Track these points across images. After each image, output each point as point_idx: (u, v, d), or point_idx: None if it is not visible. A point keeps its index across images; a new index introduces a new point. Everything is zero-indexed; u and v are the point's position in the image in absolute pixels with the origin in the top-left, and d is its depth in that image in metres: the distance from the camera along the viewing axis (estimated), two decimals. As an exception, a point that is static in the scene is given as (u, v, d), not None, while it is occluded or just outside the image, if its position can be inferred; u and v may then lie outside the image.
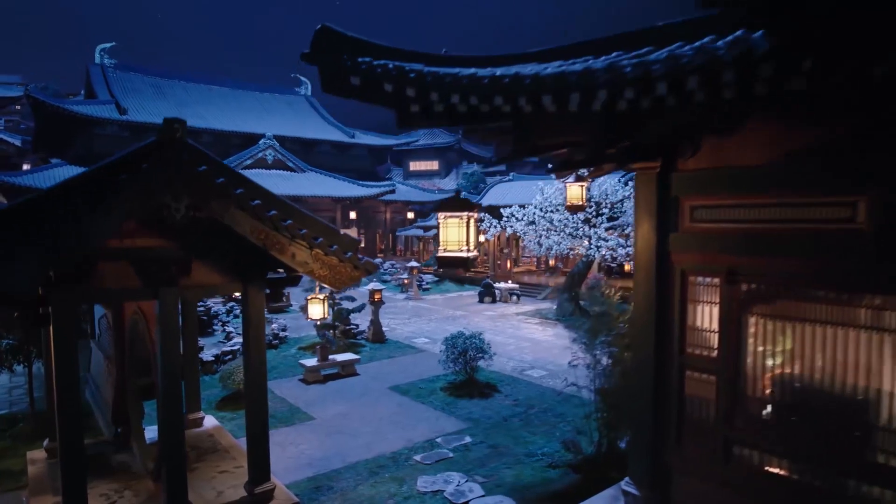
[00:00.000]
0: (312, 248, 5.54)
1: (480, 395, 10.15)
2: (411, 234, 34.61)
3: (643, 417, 4.94)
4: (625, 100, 3.46)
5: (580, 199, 9.52)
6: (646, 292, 4.89)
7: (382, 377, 11.50)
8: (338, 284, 5.81)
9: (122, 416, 7.48)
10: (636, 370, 5.05)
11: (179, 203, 4.82)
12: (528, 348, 14.20)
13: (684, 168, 4.67)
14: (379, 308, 14.97)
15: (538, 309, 20.60)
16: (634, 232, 5.01)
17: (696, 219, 4.64)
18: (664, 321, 4.80)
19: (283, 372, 11.84)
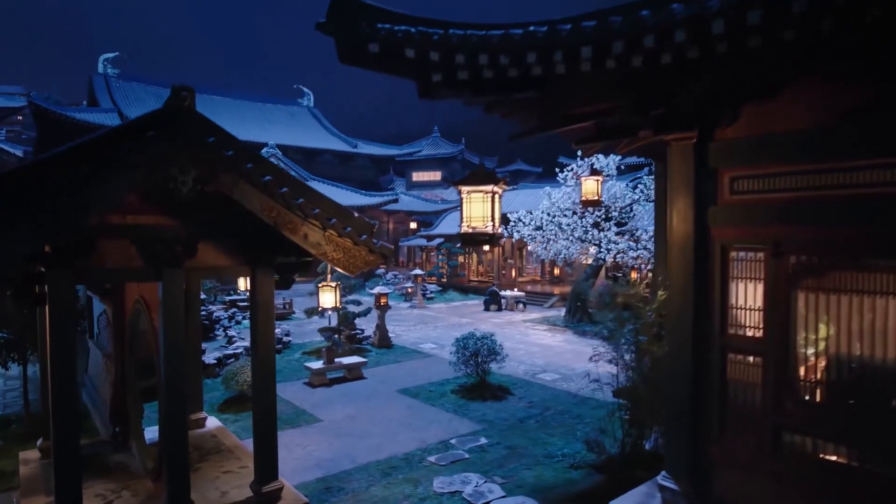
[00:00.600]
0: (326, 229, 5.24)
1: (493, 397, 9.79)
2: (414, 244, 34.34)
3: (681, 406, 4.60)
4: (673, 46, 3.20)
5: (595, 194, 9.25)
6: (683, 271, 4.58)
7: (390, 380, 11.13)
8: (352, 268, 5.50)
9: (121, 415, 7.13)
10: (672, 356, 4.72)
11: (186, 175, 4.53)
12: (538, 353, 13.83)
13: (722, 137, 4.39)
14: (385, 313, 14.63)
15: (545, 316, 20.25)
16: (669, 208, 4.72)
17: (737, 190, 4.35)
18: (703, 301, 4.48)
19: (288, 376, 11.48)
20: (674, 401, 4.69)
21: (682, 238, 4.58)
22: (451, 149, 47.97)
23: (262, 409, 5.60)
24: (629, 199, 16.70)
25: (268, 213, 4.94)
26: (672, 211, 4.69)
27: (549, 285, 27.68)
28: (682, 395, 4.58)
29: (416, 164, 47.12)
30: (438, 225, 32.44)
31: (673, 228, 4.67)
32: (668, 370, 4.80)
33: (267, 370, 5.58)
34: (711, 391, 4.45)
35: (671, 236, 4.71)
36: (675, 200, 4.66)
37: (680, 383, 4.61)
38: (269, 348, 5.61)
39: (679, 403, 4.62)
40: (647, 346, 5.96)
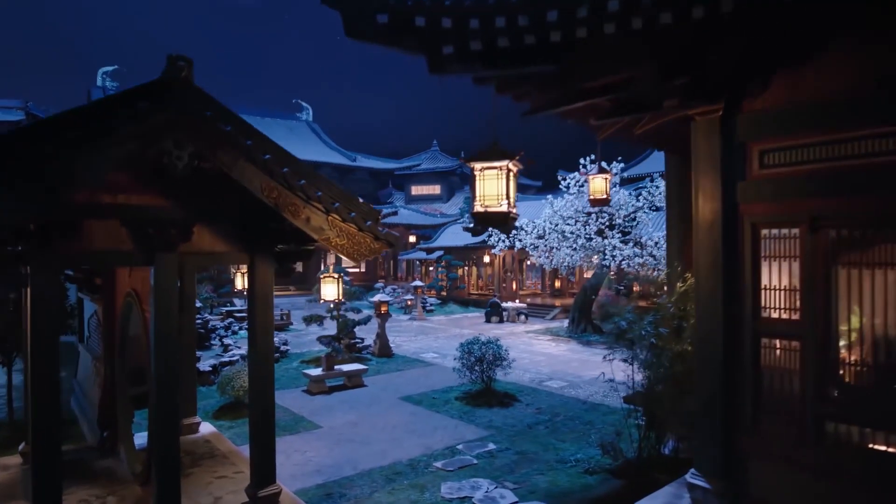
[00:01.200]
0: (329, 213, 4.95)
1: (500, 404, 9.41)
2: (413, 257, 34.03)
3: (712, 397, 4.28)
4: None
5: (604, 193, 8.96)
6: (711, 253, 4.30)
7: (392, 388, 10.75)
8: (356, 256, 5.19)
9: (109, 419, 6.76)
10: (701, 344, 4.41)
11: (182, 151, 4.24)
12: (543, 362, 13.47)
13: (751, 109, 4.14)
14: (385, 321, 14.28)
15: (548, 328, 19.90)
16: (694, 188, 4.45)
17: (767, 164, 4.09)
18: (733, 284, 4.19)
19: (286, 383, 11.09)
20: (704, 392, 4.36)
21: (708, 218, 4.31)
22: (451, 163, 47.84)
23: (261, 408, 5.26)
24: (633, 207, 16.47)
25: (268, 193, 4.65)
26: (697, 191, 4.43)
27: (550, 298, 27.34)
28: (713, 386, 4.26)
29: (415, 178, 46.98)
30: (438, 238, 32.19)
31: (699, 209, 4.40)
32: (697, 359, 4.48)
33: (265, 366, 5.25)
34: (744, 380, 4.14)
35: (697, 217, 4.43)
36: (701, 179, 4.40)
37: (710, 373, 4.30)
38: (268, 343, 5.29)
39: (709, 395, 4.30)
40: (667, 339, 5.65)
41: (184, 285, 7.58)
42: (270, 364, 5.32)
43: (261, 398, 5.25)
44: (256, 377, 5.24)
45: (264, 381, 5.24)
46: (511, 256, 27.57)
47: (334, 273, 8.17)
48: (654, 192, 16.33)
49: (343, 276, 13.61)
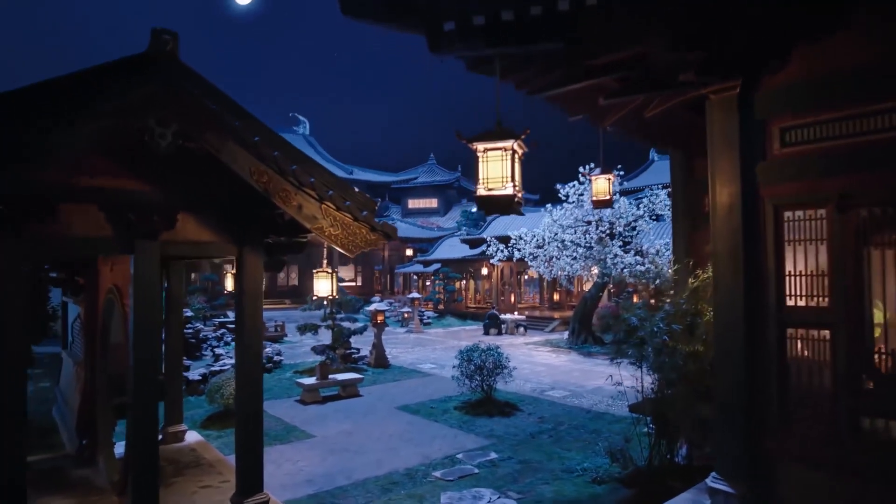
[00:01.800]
0: (323, 201, 4.68)
1: (501, 413, 9.05)
2: (410, 270, 33.70)
3: (733, 394, 3.97)
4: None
5: (607, 193, 8.73)
6: (730, 239, 4.02)
7: (388, 398, 10.38)
8: (352, 247, 4.90)
9: (89, 426, 6.39)
10: (721, 337, 4.11)
11: (165, 129, 3.97)
12: (544, 372, 13.11)
13: (770, 85, 3.90)
14: (382, 331, 13.93)
15: (547, 339, 19.56)
16: (710, 173, 4.21)
17: (789, 142, 3.84)
18: (755, 271, 3.91)
19: (278, 393, 10.70)
20: (724, 389, 4.05)
21: (727, 202, 4.04)
22: (448, 176, 47.78)
23: (248, 411, 4.93)
24: (633, 216, 16.24)
25: (258, 178, 4.38)
26: (714, 175, 4.17)
27: (548, 310, 27.00)
28: (735, 382, 3.95)
29: (411, 192, 46.83)
30: (435, 250, 31.92)
31: (716, 193, 4.14)
32: (717, 354, 4.18)
33: (254, 367, 4.93)
34: (769, 374, 3.83)
35: (714, 203, 4.17)
36: (717, 162, 4.15)
37: (731, 368, 3.99)
38: (257, 341, 4.97)
39: (731, 392, 3.99)
40: (680, 337, 5.35)
41: (171, 285, 7.30)
42: (259, 364, 4.99)
43: (248, 401, 4.91)
44: (244, 378, 4.91)
45: (252, 382, 4.91)
46: (510, 269, 27.30)
47: (328, 269, 7.86)
48: (654, 201, 16.12)
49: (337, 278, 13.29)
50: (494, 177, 4.14)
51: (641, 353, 5.77)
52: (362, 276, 37.08)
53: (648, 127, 6.16)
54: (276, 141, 4.49)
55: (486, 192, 4.14)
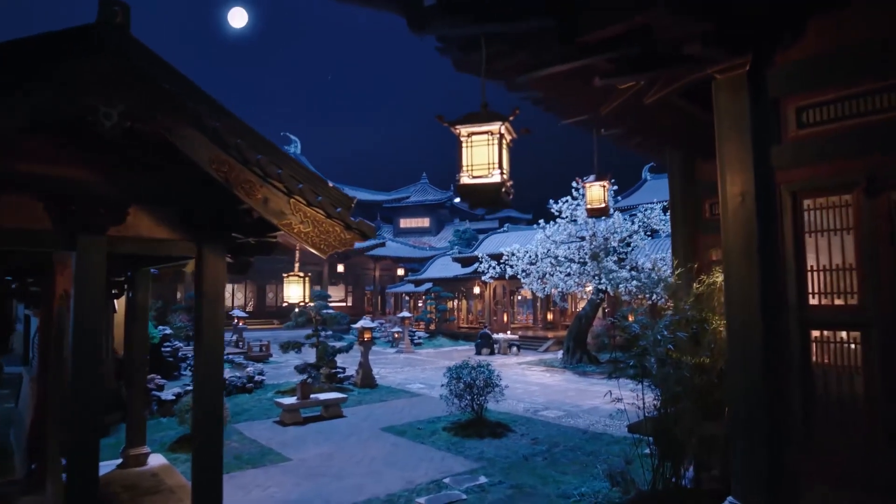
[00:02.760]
0: (292, 195, 4.23)
1: (492, 434, 8.50)
2: (402, 290, 33.14)
3: (749, 406, 3.51)
4: None
5: (602, 201, 8.35)
6: (742, 232, 3.61)
7: (373, 419, 9.80)
8: (324, 247, 4.45)
9: (40, 448, 5.81)
10: (735, 342, 3.66)
11: (111, 108, 3.52)
12: (538, 391, 12.57)
13: (784, 60, 3.54)
14: (369, 349, 13.38)
15: (541, 359, 19.03)
16: (718, 158, 3.81)
17: (807, 122, 3.46)
18: (772, 267, 3.49)
19: (257, 414, 10.10)
20: (739, 401, 3.59)
21: (738, 192, 3.64)
22: (440, 195, 47.49)
23: (206, 427, 4.40)
24: (627, 231, 15.90)
25: (217, 167, 3.93)
26: (723, 163, 3.78)
27: (542, 330, 26.47)
28: (751, 393, 3.50)
29: (403, 211, 46.47)
30: (427, 270, 31.44)
31: (725, 183, 3.74)
32: (730, 362, 3.73)
33: (211, 381, 4.42)
34: (791, 382, 3.39)
35: (724, 194, 3.77)
36: (726, 148, 3.76)
37: (746, 377, 3.54)
38: (216, 352, 4.47)
39: (746, 403, 3.53)
40: (685, 347, 4.89)
41: (136, 293, 6.80)
42: (218, 376, 4.48)
43: (207, 415, 4.39)
44: (202, 391, 4.40)
45: (210, 395, 4.39)
46: (502, 287, 26.85)
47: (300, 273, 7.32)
48: (649, 216, 15.81)
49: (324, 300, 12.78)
50: (480, 163, 3.72)
51: (643, 365, 5.29)
52: (353, 297, 36.47)
53: (645, 126, 5.81)
54: (241, 128, 4.06)
55: (471, 181, 3.72)
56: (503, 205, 3.87)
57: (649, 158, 38.78)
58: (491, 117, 3.69)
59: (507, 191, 3.74)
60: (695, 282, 5.31)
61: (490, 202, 3.81)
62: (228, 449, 7.86)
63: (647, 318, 5.26)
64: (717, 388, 4.94)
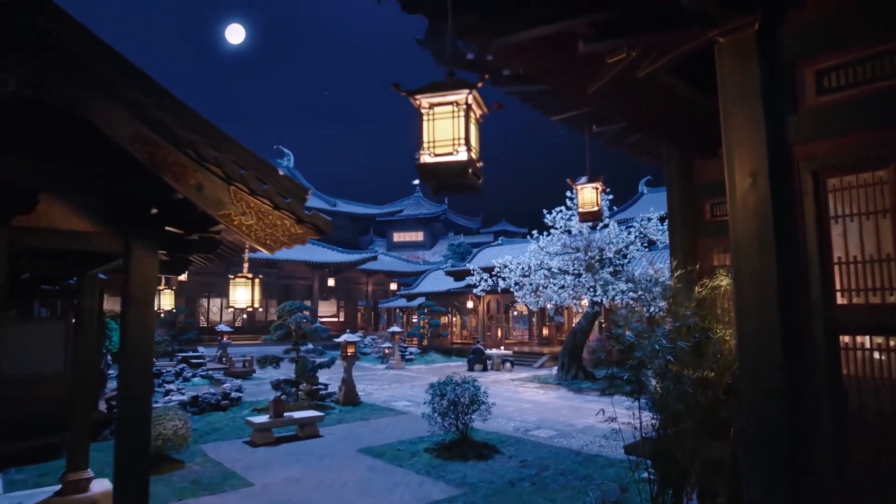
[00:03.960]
0: (231, 182, 3.68)
1: (477, 456, 7.85)
2: (394, 305, 32.48)
3: (767, 429, 2.92)
4: None
5: (595, 204, 7.82)
6: (755, 220, 3.04)
7: (352, 439, 9.13)
8: (270, 242, 3.88)
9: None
10: (746, 353, 3.08)
11: (8, 74, 2.98)
12: (529, 409, 11.91)
13: (800, 16, 3.01)
14: (352, 364, 12.72)
15: (535, 375, 18.35)
16: (724, 135, 3.27)
17: (828, 87, 2.92)
18: (791, 260, 2.92)
19: (227, 434, 9.42)
20: (754, 421, 3.00)
21: (748, 172, 3.08)
22: (434, 209, 47.00)
23: (130, 447, 3.77)
24: (624, 242, 15.36)
25: (141, 146, 3.38)
26: (730, 140, 3.22)
27: (538, 346, 25.79)
28: (768, 411, 2.91)
29: (397, 224, 45.93)
30: (419, 284, 30.82)
31: (733, 164, 3.18)
32: (743, 372, 3.14)
33: (138, 394, 3.80)
34: (817, 398, 2.80)
35: (732, 176, 3.20)
36: (733, 122, 3.20)
37: (762, 392, 2.95)
38: (145, 360, 3.87)
39: (763, 424, 2.94)
40: (686, 359, 4.30)
41: (82, 300, 6.18)
42: (147, 388, 3.88)
43: (130, 433, 3.77)
44: (127, 404, 3.79)
45: (136, 409, 3.78)
46: (496, 302, 26.23)
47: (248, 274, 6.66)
48: (646, 226, 15.28)
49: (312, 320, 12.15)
50: (443, 139, 3.15)
51: (639, 379, 4.69)
52: (345, 312, 35.75)
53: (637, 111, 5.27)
54: (173, 102, 3.52)
55: (432, 160, 3.15)
56: (471, 189, 3.29)
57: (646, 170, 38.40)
58: (457, 85, 3.15)
59: (476, 172, 3.18)
60: (696, 285, 4.74)
61: (455, 185, 3.23)
62: (188, 473, 7.20)
63: (643, 326, 4.67)
64: (723, 406, 4.35)
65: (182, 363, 16.53)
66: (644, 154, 8.76)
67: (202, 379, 15.29)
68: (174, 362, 16.74)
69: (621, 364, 4.94)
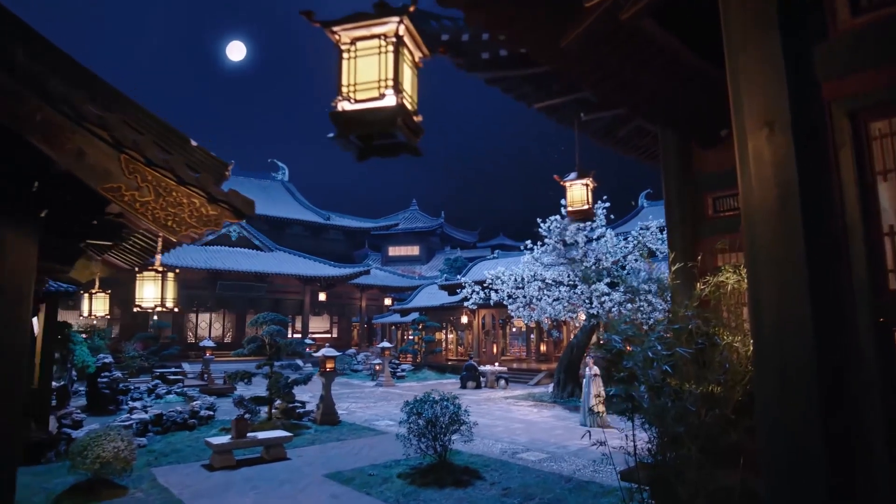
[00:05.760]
0: (123, 149, 2.97)
1: (455, 483, 7.02)
2: (390, 320, 31.61)
3: (796, 453, 2.17)
4: None
5: (585, 202, 7.19)
6: (774, 181, 2.33)
7: (321, 462, 8.31)
8: (175, 226, 3.16)
9: None
10: (766, 357, 2.35)
11: None
12: (520, 429, 11.06)
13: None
14: (331, 381, 11.91)
15: (530, 393, 17.47)
16: (729, 75, 2.57)
17: (867, 5, 2.22)
18: (824, 232, 2.21)
19: (187, 456, 8.60)
20: (778, 444, 2.25)
21: (763, 121, 2.38)
22: (430, 222, 46.29)
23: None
24: (622, 253, 14.61)
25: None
26: (737, 82, 2.53)
27: (535, 363, 24.91)
28: (797, 430, 2.16)
29: (392, 238, 45.20)
30: (413, 299, 30.02)
31: (743, 111, 2.48)
32: (760, 385, 2.40)
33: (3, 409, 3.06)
34: (865, 414, 2.06)
35: (740, 129, 2.51)
36: (742, 59, 2.51)
37: (788, 407, 2.21)
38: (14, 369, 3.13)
39: (790, 448, 2.19)
40: (687, 370, 3.55)
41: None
42: (14, 404, 3.13)
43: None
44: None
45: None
46: (491, 316, 25.40)
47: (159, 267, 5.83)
48: (644, 234, 14.56)
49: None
50: (366, 82, 2.46)
51: (630, 394, 3.92)
52: (339, 328, 34.88)
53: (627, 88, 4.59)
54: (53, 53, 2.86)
55: (352, 107, 2.45)
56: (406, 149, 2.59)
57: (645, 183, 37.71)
58: (384, 12, 2.46)
59: (411, 124, 2.48)
60: (698, 282, 4.02)
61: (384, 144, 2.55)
62: (128, 501, 6.41)
63: (634, 330, 3.92)
64: (732, 427, 3.59)
65: (157, 378, 15.70)
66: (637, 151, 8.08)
67: (177, 396, 14.46)
68: (150, 377, 15.94)
69: (611, 377, 4.19)
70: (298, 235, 35.73)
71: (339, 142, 2.52)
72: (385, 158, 2.67)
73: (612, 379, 4.05)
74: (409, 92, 2.54)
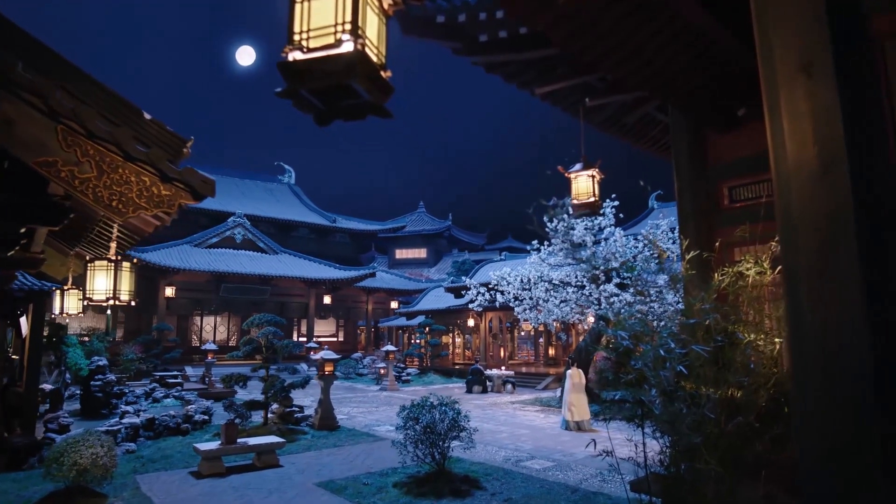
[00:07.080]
0: (59, 119, 2.62)
1: (453, 493, 6.61)
2: (396, 324, 31.22)
3: (845, 473, 1.74)
4: None
5: (591, 195, 6.75)
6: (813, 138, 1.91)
7: (314, 470, 7.92)
8: (119, 206, 2.80)
9: None
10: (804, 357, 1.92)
11: None
12: (525, 436, 10.62)
13: None
14: (330, 384, 11.53)
15: (538, 398, 17.00)
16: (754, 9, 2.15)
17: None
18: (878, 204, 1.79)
19: (176, 462, 8.25)
20: (823, 462, 1.83)
21: (798, 64, 1.96)
22: (438, 225, 45.92)
23: None
24: (632, 254, 14.14)
25: None
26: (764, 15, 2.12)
27: (543, 366, 24.42)
28: (847, 446, 1.74)
29: (399, 241, 44.85)
30: (419, 302, 29.63)
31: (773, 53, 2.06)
32: (799, 393, 1.97)
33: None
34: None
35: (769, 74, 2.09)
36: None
37: (834, 419, 1.79)
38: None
39: (840, 469, 1.77)
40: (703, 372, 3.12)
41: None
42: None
43: None
44: None
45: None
46: (498, 319, 24.94)
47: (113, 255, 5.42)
48: (655, 233, 14.08)
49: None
50: (321, 27, 2.06)
51: (639, 398, 3.50)
52: (344, 331, 34.55)
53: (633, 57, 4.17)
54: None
55: (304, 56, 2.05)
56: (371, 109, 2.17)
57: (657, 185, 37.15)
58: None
59: (376, 79, 2.07)
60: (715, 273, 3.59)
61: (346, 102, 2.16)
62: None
63: (642, 325, 3.49)
64: (758, 436, 3.16)
65: (155, 382, 15.42)
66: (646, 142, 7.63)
67: (174, 400, 14.16)
68: (147, 381, 15.66)
69: (618, 380, 3.76)
70: (304, 238, 35.46)
71: (294, 102, 2.12)
72: (349, 122, 2.28)
73: (620, 381, 3.62)
74: (373, 41, 2.14)
